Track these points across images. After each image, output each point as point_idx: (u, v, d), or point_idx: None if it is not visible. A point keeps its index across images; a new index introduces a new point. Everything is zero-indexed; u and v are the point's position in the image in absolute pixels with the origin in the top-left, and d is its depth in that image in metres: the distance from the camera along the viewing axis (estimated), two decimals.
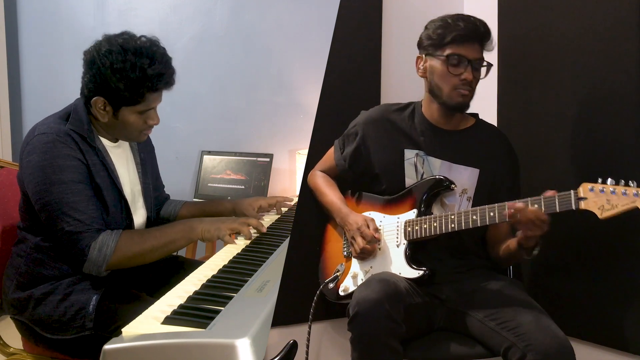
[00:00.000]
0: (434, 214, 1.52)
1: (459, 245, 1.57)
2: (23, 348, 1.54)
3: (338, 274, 1.60)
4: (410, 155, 1.59)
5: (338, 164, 1.71)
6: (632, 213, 1.26)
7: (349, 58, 1.92)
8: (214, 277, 1.25)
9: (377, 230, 1.55)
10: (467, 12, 1.89)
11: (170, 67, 1.44)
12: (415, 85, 1.67)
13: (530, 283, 1.81)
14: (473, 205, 1.56)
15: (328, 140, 1.75)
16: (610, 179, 1.28)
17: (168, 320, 1.01)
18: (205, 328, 0.97)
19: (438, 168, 1.57)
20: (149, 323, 1.00)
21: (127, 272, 1.52)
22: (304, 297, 1.58)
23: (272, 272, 1.30)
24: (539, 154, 1.79)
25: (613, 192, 1.27)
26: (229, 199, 2.04)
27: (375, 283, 1.39)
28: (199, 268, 1.32)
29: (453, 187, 1.54)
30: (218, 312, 1.04)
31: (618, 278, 1.63)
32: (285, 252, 1.46)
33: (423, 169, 1.58)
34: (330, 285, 1.60)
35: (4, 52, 2.90)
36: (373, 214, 1.61)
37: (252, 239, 1.54)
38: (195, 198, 2.73)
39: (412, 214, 1.55)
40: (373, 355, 1.35)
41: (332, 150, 1.74)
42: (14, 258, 1.47)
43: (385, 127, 1.64)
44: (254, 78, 2.78)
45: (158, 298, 1.13)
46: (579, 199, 1.29)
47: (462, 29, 1.48)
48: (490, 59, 1.53)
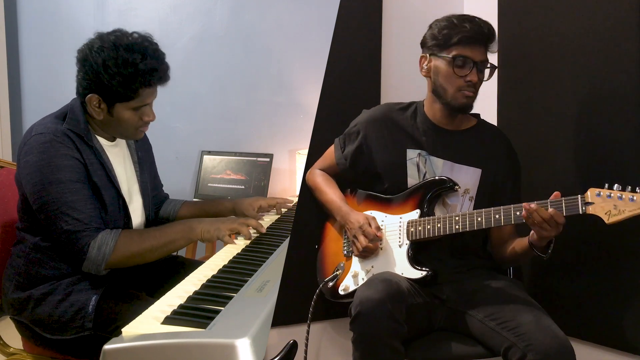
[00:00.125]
0: (438, 215, 1.51)
1: (460, 246, 1.56)
2: (23, 348, 1.54)
3: (338, 273, 1.59)
4: (413, 155, 1.59)
5: (339, 163, 1.71)
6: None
7: (349, 58, 1.92)
8: (214, 277, 1.25)
9: (379, 229, 1.55)
10: (467, 12, 1.88)
11: (164, 62, 1.44)
12: (416, 85, 1.67)
13: (530, 283, 1.81)
14: (475, 205, 1.56)
15: (328, 140, 1.75)
16: (617, 185, 1.28)
17: (168, 320, 1.01)
18: (205, 328, 0.97)
19: (440, 168, 1.57)
20: (149, 323, 1.00)
21: (126, 272, 1.52)
22: (304, 297, 1.58)
23: (272, 272, 1.30)
24: (539, 154, 1.79)
25: (620, 197, 1.27)
26: (229, 199, 2.04)
27: (378, 283, 1.39)
28: (199, 268, 1.32)
29: (457, 188, 1.54)
30: (218, 312, 1.04)
31: (618, 278, 1.63)
32: (285, 252, 1.46)
33: (425, 169, 1.58)
34: (330, 284, 1.60)
35: (4, 52, 2.90)
36: (374, 213, 1.60)
37: (251, 239, 1.54)
38: (195, 198, 2.73)
39: (414, 214, 1.55)
40: (375, 355, 1.35)
41: (332, 149, 1.74)
42: (13, 258, 1.47)
43: (388, 126, 1.63)
44: (254, 78, 2.78)
45: (158, 298, 1.13)
46: (586, 204, 1.30)
47: (468, 31, 1.47)
48: (490, 59, 1.53)
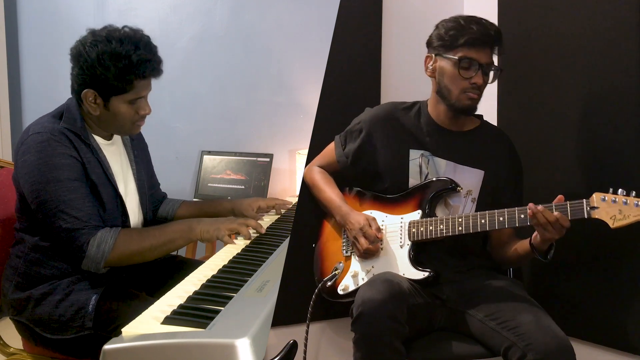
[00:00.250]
0: (440, 216, 1.51)
1: (460, 246, 1.56)
2: (23, 348, 1.54)
3: (337, 273, 1.59)
4: (415, 156, 1.58)
5: (339, 160, 1.69)
6: None
7: (349, 58, 1.92)
8: (214, 277, 1.25)
9: (379, 230, 1.55)
10: (467, 12, 1.89)
11: (156, 54, 1.45)
12: (416, 85, 1.67)
13: (531, 283, 1.81)
14: (477, 207, 1.55)
15: (328, 140, 1.75)
16: (621, 189, 1.29)
17: (168, 320, 1.01)
18: (205, 328, 0.97)
19: (443, 168, 1.56)
20: (149, 323, 1.00)
21: (126, 271, 1.52)
22: (304, 297, 1.57)
23: (272, 272, 1.30)
24: (539, 154, 1.79)
25: (625, 202, 1.28)
26: (228, 199, 2.04)
27: (380, 283, 1.39)
28: (199, 268, 1.32)
29: (459, 189, 1.54)
30: (218, 312, 1.04)
31: (618, 278, 1.63)
32: (285, 252, 1.46)
33: (428, 170, 1.57)
34: (329, 284, 1.59)
35: (4, 52, 2.90)
36: (374, 213, 1.60)
37: (251, 239, 1.54)
38: (195, 198, 2.73)
39: (416, 215, 1.54)
40: (377, 356, 1.34)
41: (332, 146, 1.73)
42: (12, 259, 1.47)
43: (392, 125, 1.62)
44: (254, 78, 2.78)
45: (158, 298, 1.13)
46: (591, 208, 1.30)
47: (475, 32, 1.46)
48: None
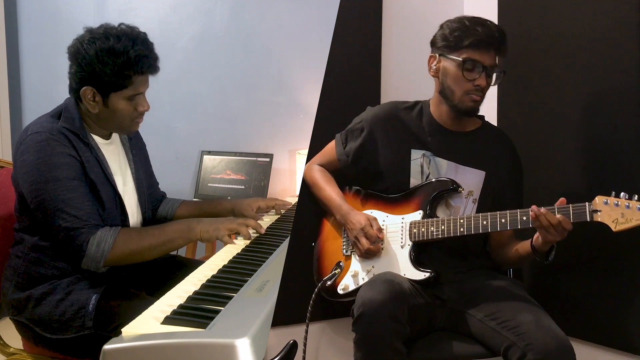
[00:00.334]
0: (442, 217, 1.51)
1: (461, 246, 1.56)
2: (23, 348, 1.54)
3: (336, 272, 1.58)
4: (417, 156, 1.58)
5: (340, 159, 1.69)
6: None
7: (349, 58, 1.92)
8: (214, 277, 1.25)
9: (380, 230, 1.54)
10: (467, 12, 1.89)
11: (153, 51, 1.45)
12: (416, 85, 1.67)
13: (531, 283, 1.81)
14: (478, 207, 1.55)
15: (328, 140, 1.75)
16: (623, 193, 1.29)
17: (168, 320, 1.01)
18: (205, 328, 0.97)
19: (445, 169, 1.56)
20: (149, 323, 1.00)
21: (126, 270, 1.52)
22: (304, 297, 1.57)
23: (272, 272, 1.30)
24: (539, 154, 1.79)
25: (628, 206, 1.28)
26: (228, 199, 2.04)
27: (381, 284, 1.38)
28: (199, 268, 1.32)
29: (460, 190, 1.54)
30: (218, 312, 1.04)
31: (618, 278, 1.63)
32: (285, 252, 1.46)
33: (429, 170, 1.57)
34: (328, 283, 1.59)
35: (4, 52, 2.90)
36: (375, 213, 1.60)
37: (251, 239, 1.54)
38: (195, 198, 2.73)
39: (417, 215, 1.54)
40: (377, 357, 1.34)
41: (332, 144, 1.72)
42: (12, 259, 1.48)
43: (394, 125, 1.62)
44: (254, 78, 2.78)
45: (158, 297, 1.13)
46: (594, 211, 1.30)
47: (480, 34, 1.46)
48: None
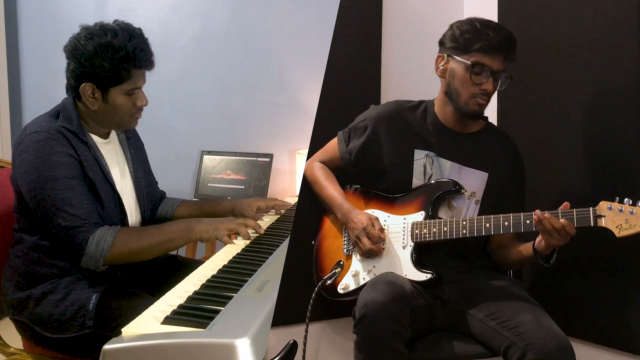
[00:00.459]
0: (444, 218, 1.50)
1: (462, 247, 1.55)
2: (23, 348, 1.54)
3: (337, 271, 1.58)
4: (420, 156, 1.58)
5: (343, 157, 1.67)
6: None
7: (349, 58, 1.92)
8: (214, 277, 1.25)
9: (382, 231, 1.54)
10: (467, 12, 1.89)
11: (149, 46, 1.47)
12: (416, 85, 1.67)
13: (531, 283, 1.81)
14: (480, 209, 1.55)
15: (328, 141, 1.74)
16: (627, 199, 1.29)
17: (168, 320, 1.01)
18: (205, 328, 0.97)
19: (448, 170, 1.56)
20: (149, 323, 1.00)
21: (127, 270, 1.52)
22: (304, 297, 1.57)
23: (272, 272, 1.30)
24: (539, 154, 1.79)
25: (632, 212, 1.28)
26: (228, 199, 2.04)
27: (382, 285, 1.38)
28: (199, 268, 1.32)
29: (463, 191, 1.53)
30: (218, 312, 1.04)
31: (618, 278, 1.63)
32: (285, 252, 1.46)
33: (432, 171, 1.56)
34: (329, 283, 1.58)
35: (4, 52, 2.90)
36: (376, 212, 1.59)
37: (251, 240, 1.54)
38: (195, 198, 2.73)
39: (419, 216, 1.54)
40: (379, 358, 1.34)
41: (334, 142, 1.70)
42: (12, 259, 1.48)
43: (398, 124, 1.61)
44: (254, 78, 2.78)
45: (158, 297, 1.13)
46: (598, 217, 1.30)
47: (490, 39, 1.45)
48: None
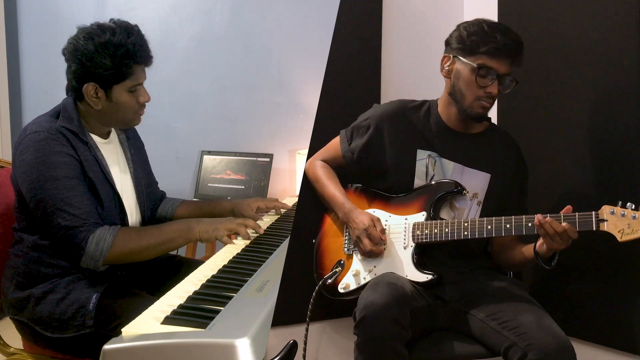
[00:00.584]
0: (445, 219, 1.50)
1: (463, 247, 1.55)
2: (23, 348, 1.54)
3: (337, 270, 1.58)
4: (423, 156, 1.57)
5: (345, 156, 1.67)
6: None
7: (349, 58, 1.91)
8: (214, 277, 1.25)
9: (383, 232, 1.53)
10: (467, 12, 1.89)
11: (147, 42, 1.48)
12: (416, 85, 1.67)
13: (532, 283, 1.81)
14: (482, 210, 1.55)
15: (328, 140, 1.74)
16: (630, 203, 1.29)
17: (168, 320, 1.01)
18: (205, 328, 0.97)
19: (451, 170, 1.55)
20: (149, 323, 1.00)
21: (127, 270, 1.52)
22: (304, 297, 1.57)
23: (272, 272, 1.30)
24: (540, 154, 1.79)
25: (634, 217, 1.28)
26: (228, 199, 2.04)
27: (383, 286, 1.38)
28: (199, 268, 1.32)
29: (465, 192, 1.53)
30: (218, 312, 1.04)
31: (619, 278, 1.63)
32: (285, 252, 1.46)
33: (434, 171, 1.56)
34: (329, 282, 1.58)
35: (4, 52, 2.90)
36: (378, 212, 1.58)
37: (251, 240, 1.54)
38: (195, 198, 2.73)
39: (421, 217, 1.53)
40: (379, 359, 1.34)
41: (336, 140, 1.70)
42: (12, 259, 1.48)
43: (401, 124, 1.60)
44: (254, 78, 2.78)
45: (158, 297, 1.13)
46: (600, 221, 1.30)
47: (498, 42, 1.43)
48: None
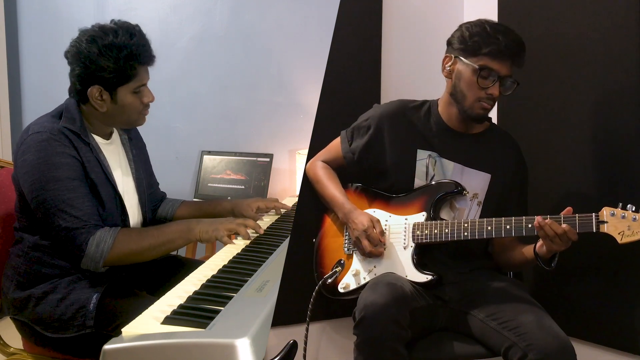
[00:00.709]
0: (445, 220, 1.50)
1: (463, 248, 1.55)
2: (23, 348, 1.54)
3: (337, 270, 1.57)
4: (423, 156, 1.57)
5: (346, 156, 1.67)
6: None
7: (349, 58, 1.91)
8: (214, 277, 1.25)
9: (383, 234, 1.53)
10: (467, 12, 1.89)
11: (149, 42, 1.48)
12: (416, 86, 1.67)
13: (532, 283, 1.81)
14: (483, 210, 1.55)
15: (328, 140, 1.74)
16: (630, 205, 1.29)
17: (168, 320, 1.01)
18: (205, 328, 0.97)
19: (451, 170, 1.55)
20: (149, 323, 1.00)
21: (127, 270, 1.52)
22: (304, 297, 1.57)
23: (272, 272, 1.30)
24: (539, 154, 1.79)
25: (634, 219, 1.28)
26: (228, 200, 2.04)
27: (383, 287, 1.38)
28: (199, 268, 1.32)
29: (465, 193, 1.53)
30: (218, 312, 1.04)
31: (619, 278, 1.63)
32: (285, 252, 1.46)
33: (434, 171, 1.56)
34: (329, 281, 1.58)
35: (4, 52, 2.90)
36: (378, 212, 1.58)
37: (251, 240, 1.54)
38: (195, 198, 2.73)
39: (421, 217, 1.53)
40: None
41: (337, 141, 1.70)
42: (12, 258, 1.48)
43: (402, 124, 1.60)
44: (254, 78, 2.78)
45: (159, 297, 1.13)
46: (600, 222, 1.30)
47: (500, 43, 1.43)
48: None
